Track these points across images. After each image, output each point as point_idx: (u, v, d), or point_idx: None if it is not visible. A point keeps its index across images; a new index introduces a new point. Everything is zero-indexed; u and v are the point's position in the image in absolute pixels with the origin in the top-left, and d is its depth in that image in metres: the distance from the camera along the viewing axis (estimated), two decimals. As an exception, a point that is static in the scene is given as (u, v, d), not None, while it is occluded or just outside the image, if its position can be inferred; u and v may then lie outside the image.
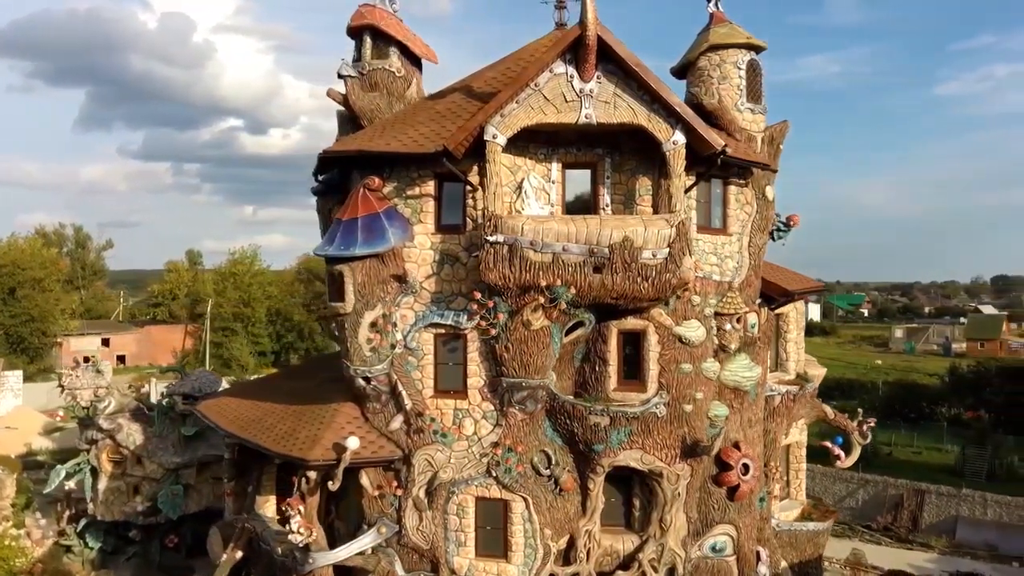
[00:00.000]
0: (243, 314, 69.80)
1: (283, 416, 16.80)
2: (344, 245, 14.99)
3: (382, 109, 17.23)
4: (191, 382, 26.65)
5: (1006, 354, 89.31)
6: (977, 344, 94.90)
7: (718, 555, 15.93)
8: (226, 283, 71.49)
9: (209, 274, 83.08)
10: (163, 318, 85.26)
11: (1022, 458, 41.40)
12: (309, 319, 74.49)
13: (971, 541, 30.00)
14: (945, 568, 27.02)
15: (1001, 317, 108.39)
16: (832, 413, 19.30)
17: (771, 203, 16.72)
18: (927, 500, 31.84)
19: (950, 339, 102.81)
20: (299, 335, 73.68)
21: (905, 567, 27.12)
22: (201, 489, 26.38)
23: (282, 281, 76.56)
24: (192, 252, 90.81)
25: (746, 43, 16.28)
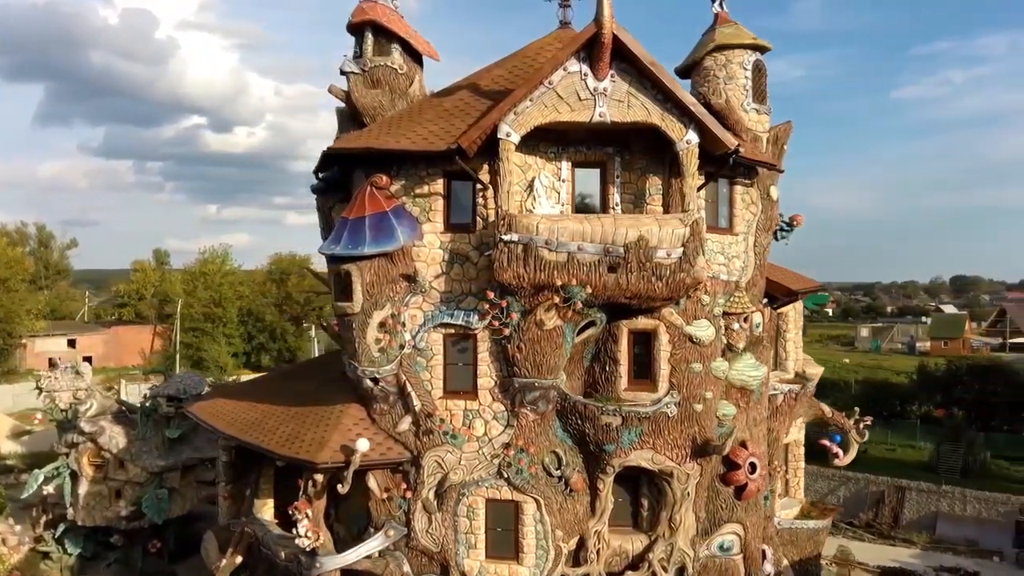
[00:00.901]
0: (214, 314, 68.68)
1: (285, 418, 16.49)
2: (352, 244, 14.76)
3: (384, 106, 16.99)
4: (176, 384, 26.14)
5: (968, 352, 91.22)
6: (941, 343, 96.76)
7: (725, 554, 15.98)
8: (196, 283, 70.28)
9: (178, 274, 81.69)
10: (129, 318, 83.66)
11: (995, 454, 42.35)
12: (281, 320, 73.66)
13: (951, 537, 30.51)
14: (929, 564, 27.41)
15: (964, 316, 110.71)
16: (830, 412, 19.50)
17: (775, 203, 16.81)
18: (907, 497, 32.35)
19: (914, 338, 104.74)
20: (271, 336, 72.71)
21: (890, 563, 27.52)
22: (185, 493, 25.90)
23: (253, 281, 75.47)
24: (159, 251, 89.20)
25: (752, 44, 16.34)
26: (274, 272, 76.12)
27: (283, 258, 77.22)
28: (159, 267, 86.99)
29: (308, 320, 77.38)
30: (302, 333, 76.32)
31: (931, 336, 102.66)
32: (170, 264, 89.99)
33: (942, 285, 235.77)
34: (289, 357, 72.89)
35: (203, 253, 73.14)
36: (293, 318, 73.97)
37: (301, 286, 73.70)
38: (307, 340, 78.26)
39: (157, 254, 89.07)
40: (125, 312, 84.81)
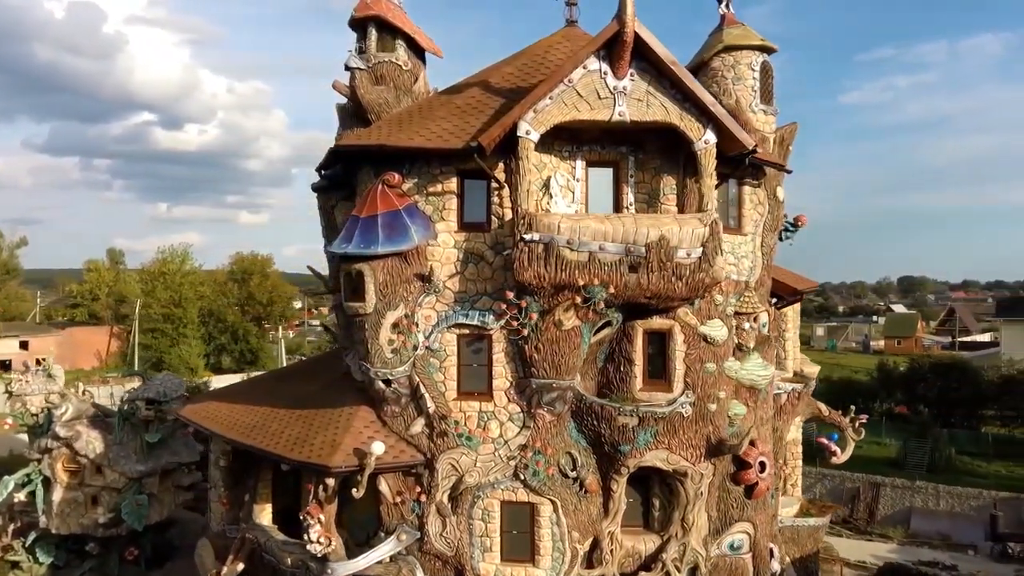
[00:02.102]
0: (174, 315, 67.15)
1: (288, 421, 16.10)
2: (365, 243, 14.45)
3: (389, 103, 16.71)
4: (155, 386, 25.36)
5: (920, 351, 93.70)
6: (895, 341, 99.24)
7: (735, 553, 16.03)
8: (155, 283, 68.62)
9: (133, 274, 79.76)
10: (83, 319, 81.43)
11: (958, 450, 43.48)
12: (243, 321, 72.37)
13: (925, 531, 31.23)
14: (907, 558, 27.95)
15: (916, 316, 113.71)
16: (827, 410, 19.72)
17: (781, 203, 16.94)
18: (882, 493, 33.03)
19: (868, 337, 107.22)
20: (232, 337, 71.37)
21: (868, 558, 28.03)
22: (163, 498, 25.25)
23: (214, 281, 74.00)
24: (113, 251, 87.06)
25: (760, 45, 16.45)
26: (236, 272, 74.75)
27: (244, 257, 75.89)
28: (114, 267, 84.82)
29: (270, 320, 76.29)
30: (264, 334, 75.19)
31: (885, 335, 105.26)
32: (125, 264, 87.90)
33: (890, 285, 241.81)
34: (251, 358, 71.73)
35: (162, 252, 71.49)
36: (255, 319, 72.72)
37: (264, 286, 72.57)
38: (269, 341, 77.18)
39: (111, 253, 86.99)
40: (78, 313, 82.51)
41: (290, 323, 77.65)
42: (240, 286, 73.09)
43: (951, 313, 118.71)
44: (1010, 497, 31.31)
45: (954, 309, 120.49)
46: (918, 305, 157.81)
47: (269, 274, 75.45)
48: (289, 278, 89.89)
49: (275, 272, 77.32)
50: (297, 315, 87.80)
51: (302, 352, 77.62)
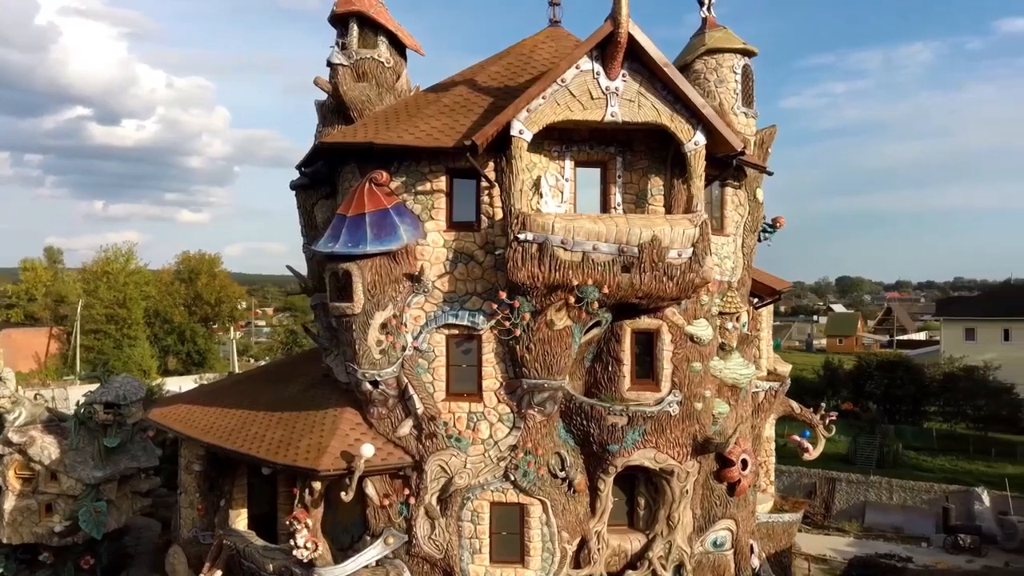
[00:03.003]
0: (118, 316, 65.08)
1: (269, 424, 15.74)
2: (353, 242, 14.21)
3: (372, 100, 16.52)
4: (115, 389, 24.49)
5: (861, 349, 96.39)
6: (836, 340, 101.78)
7: (718, 550, 16.26)
8: (98, 282, 66.36)
9: (73, 273, 77.10)
10: (18, 320, 78.31)
11: (905, 445, 44.85)
12: (190, 321, 70.60)
13: (879, 524, 32.11)
14: (864, 551, 28.71)
15: (857, 315, 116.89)
16: (799, 408, 20.10)
17: (761, 205, 17.21)
18: (838, 487, 33.85)
19: (811, 336, 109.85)
20: (179, 338, 69.55)
21: (828, 552, 28.73)
22: (121, 505, 24.40)
23: (160, 281, 71.98)
24: (51, 250, 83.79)
25: (741, 48, 16.68)
26: (183, 271, 72.86)
27: (191, 257, 74.02)
28: (52, 266, 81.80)
29: (218, 321, 74.61)
30: (212, 335, 73.49)
31: (827, 334, 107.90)
32: (63, 263, 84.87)
33: (829, 285, 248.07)
34: (199, 360, 70.01)
35: (105, 251, 69.17)
36: (203, 319, 71.01)
37: (212, 286, 70.91)
38: (216, 342, 75.48)
39: (49, 252, 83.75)
40: (14, 314, 79.30)
41: (237, 324, 76.00)
42: (187, 286, 71.23)
43: (888, 312, 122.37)
44: (960, 490, 32.40)
45: (891, 308, 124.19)
46: (855, 305, 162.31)
47: (217, 274, 73.73)
48: (235, 278, 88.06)
49: (223, 272, 75.63)
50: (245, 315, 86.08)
51: (251, 354, 76.18)
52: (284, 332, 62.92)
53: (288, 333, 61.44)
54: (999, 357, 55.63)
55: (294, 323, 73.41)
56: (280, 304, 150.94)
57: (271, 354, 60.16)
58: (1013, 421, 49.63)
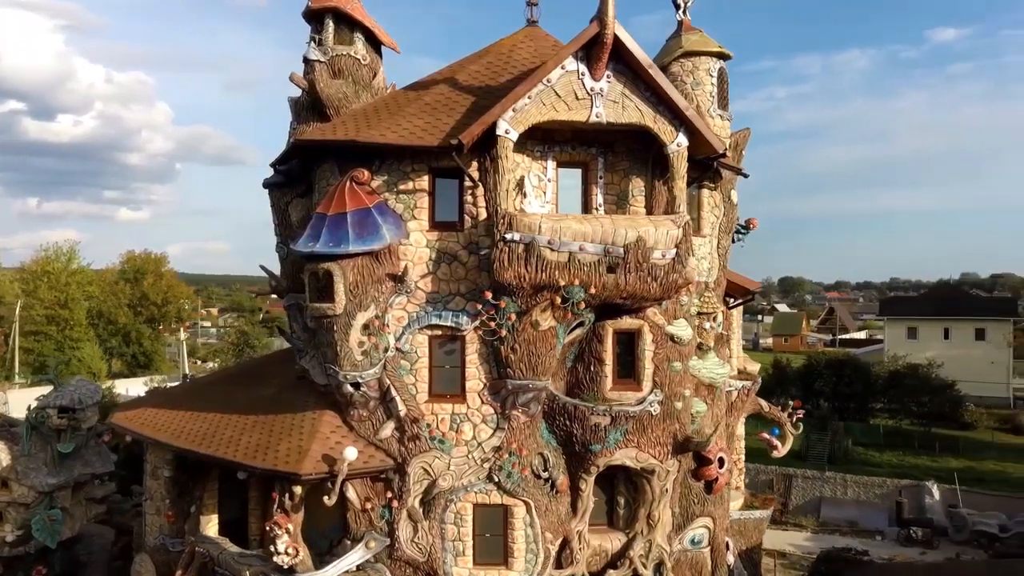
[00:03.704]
0: (59, 317, 63.01)
1: (244, 427, 15.39)
2: (334, 242, 13.97)
3: (348, 98, 16.30)
4: (69, 393, 23.69)
5: (806, 347, 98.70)
6: (782, 339, 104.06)
7: (696, 547, 16.42)
8: (38, 282, 64.14)
9: (10, 272, 74.32)
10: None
11: (855, 441, 46.06)
12: (136, 322, 68.75)
13: (834, 519, 32.89)
14: (821, 545, 29.37)
15: (801, 315, 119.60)
16: (767, 406, 20.43)
17: (735, 206, 17.45)
18: (794, 484, 34.57)
19: (757, 335, 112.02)
20: (124, 339, 67.66)
21: (787, 547, 29.32)
22: (75, 512, 23.65)
23: (103, 281, 69.89)
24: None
25: (717, 52, 16.88)
26: (127, 271, 70.86)
27: (137, 256, 72.05)
28: (-14, 265, 78.79)
29: (165, 322, 72.80)
30: (159, 336, 71.69)
31: (773, 333, 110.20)
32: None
33: (772, 285, 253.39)
34: (144, 362, 68.24)
35: (44, 250, 66.90)
36: (149, 320, 69.19)
37: (158, 286, 69.15)
38: (163, 344, 73.67)
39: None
40: (-56, 315, 76.21)
41: (184, 325, 74.27)
42: (132, 286, 69.29)
43: (831, 312, 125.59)
44: (911, 484, 33.37)
45: (834, 308, 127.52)
46: (798, 305, 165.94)
47: (164, 274, 71.94)
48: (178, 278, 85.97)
49: (170, 272, 73.80)
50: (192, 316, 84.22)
51: (199, 355, 74.48)
52: (235, 333, 61.61)
53: (239, 334, 60.20)
54: (940, 355, 57.59)
55: (246, 324, 72.10)
56: (225, 305, 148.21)
57: (222, 356, 58.83)
58: (954, 417, 51.38)
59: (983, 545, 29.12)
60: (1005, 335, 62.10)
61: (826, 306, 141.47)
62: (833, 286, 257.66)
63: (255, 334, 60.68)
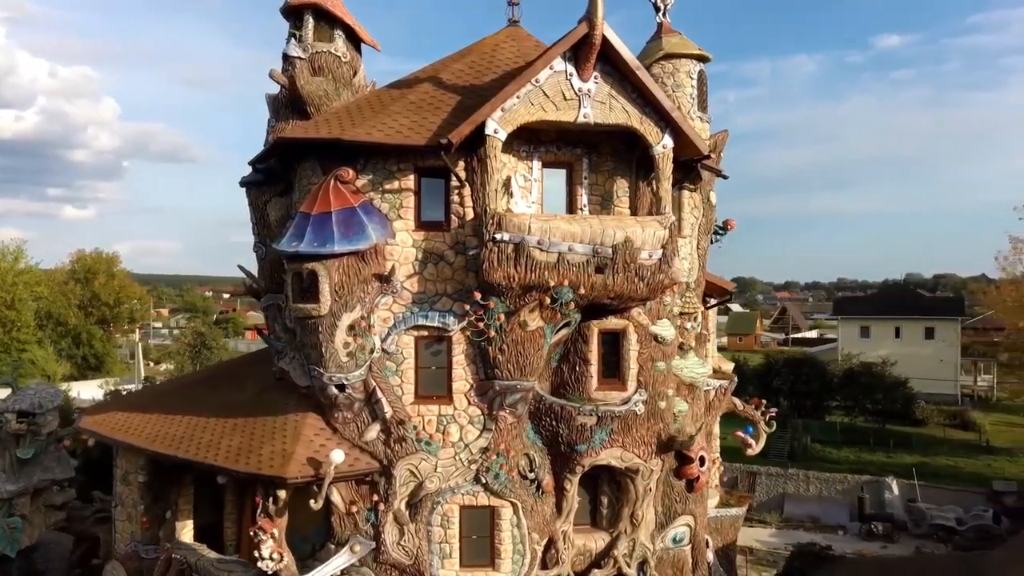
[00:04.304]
0: (6, 318, 60.98)
1: (224, 430, 15.07)
2: (319, 241, 13.75)
3: (329, 95, 16.06)
4: (29, 397, 22.95)
5: (760, 347, 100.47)
6: (737, 338, 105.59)
7: (678, 546, 16.56)
8: (-18, 282, 61.98)
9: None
10: None
11: (813, 438, 46.97)
12: (86, 323, 66.92)
13: (797, 515, 33.54)
14: (786, 541, 29.96)
15: (755, 314, 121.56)
16: (741, 405, 20.69)
17: (714, 208, 17.63)
18: (758, 481, 35.13)
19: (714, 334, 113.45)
20: (74, 341, 65.80)
21: (753, 543, 29.77)
22: (34, 519, 22.96)
23: (52, 281, 67.84)
24: (-75, 248, 77.73)
25: (697, 54, 17.04)
26: (78, 271, 68.91)
27: (87, 255, 70.12)
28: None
29: (117, 323, 71.04)
30: (110, 338, 69.90)
31: (728, 332, 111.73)
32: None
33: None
34: (95, 364, 66.45)
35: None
36: (101, 321, 67.41)
37: (110, 286, 67.41)
38: (115, 345, 71.88)
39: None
40: None
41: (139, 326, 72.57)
42: (83, 286, 67.39)
43: (783, 312, 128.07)
44: (871, 480, 34.17)
45: (786, 308, 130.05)
46: (750, 304, 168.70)
47: (116, 273, 70.10)
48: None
49: (122, 272, 71.92)
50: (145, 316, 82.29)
51: (152, 357, 72.78)
52: (191, 334, 60.35)
53: (195, 335, 58.98)
54: (891, 353, 59.02)
55: (202, 324, 70.71)
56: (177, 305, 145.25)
57: (177, 358, 57.59)
58: (907, 414, 52.73)
59: (941, 538, 29.96)
60: (954, 333, 63.95)
61: (778, 306, 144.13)
62: (783, 286, 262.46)
63: (212, 335, 59.50)
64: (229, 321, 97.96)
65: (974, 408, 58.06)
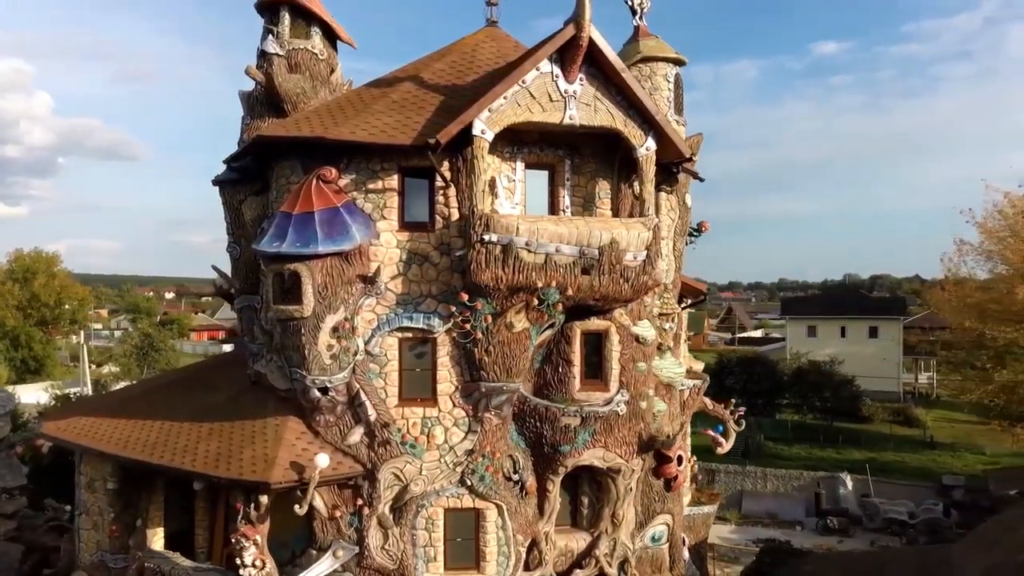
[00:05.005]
0: (-60, 319, 58.67)
1: (200, 435, 14.68)
2: (301, 242, 13.51)
3: (307, 93, 15.81)
4: (-21, 402, 22.16)
5: (708, 346, 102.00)
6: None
7: (656, 544, 16.72)
8: (-85, 283, 59.50)
9: None
10: None
11: (765, 436, 47.91)
12: (25, 325, 64.61)
13: (755, 512, 34.18)
14: (747, 537, 30.53)
15: (704, 314, 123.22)
16: (711, 404, 20.95)
17: (689, 210, 17.84)
18: (717, 478, 35.67)
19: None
20: (12, 343, 63.48)
21: (715, 540, 30.19)
22: (-22, 530, 22.13)
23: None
24: None
25: (674, 58, 17.21)
26: (16, 271, 66.46)
27: (26, 255, 67.69)
28: None
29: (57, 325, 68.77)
30: (50, 340, 67.60)
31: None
32: None
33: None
34: (35, 367, 64.21)
35: (-78, 248, 62.07)
36: (40, 323, 65.16)
37: (51, 287, 65.21)
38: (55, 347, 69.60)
39: None
40: None
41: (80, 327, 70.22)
42: (21, 286, 64.97)
43: (729, 312, 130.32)
44: (826, 476, 34.99)
45: (732, 308, 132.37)
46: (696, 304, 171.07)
47: (56, 273, 67.77)
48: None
49: (63, 271, 69.55)
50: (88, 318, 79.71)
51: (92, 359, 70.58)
52: (138, 336, 58.68)
53: (143, 337, 57.39)
54: (837, 352, 60.56)
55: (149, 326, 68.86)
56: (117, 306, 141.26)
57: (124, 361, 55.98)
58: (854, 412, 54.18)
59: (895, 532, 30.85)
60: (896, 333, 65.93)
61: (723, 306, 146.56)
62: (727, 286, 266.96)
63: (160, 337, 57.99)
64: (174, 322, 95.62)
65: (916, 405, 59.92)
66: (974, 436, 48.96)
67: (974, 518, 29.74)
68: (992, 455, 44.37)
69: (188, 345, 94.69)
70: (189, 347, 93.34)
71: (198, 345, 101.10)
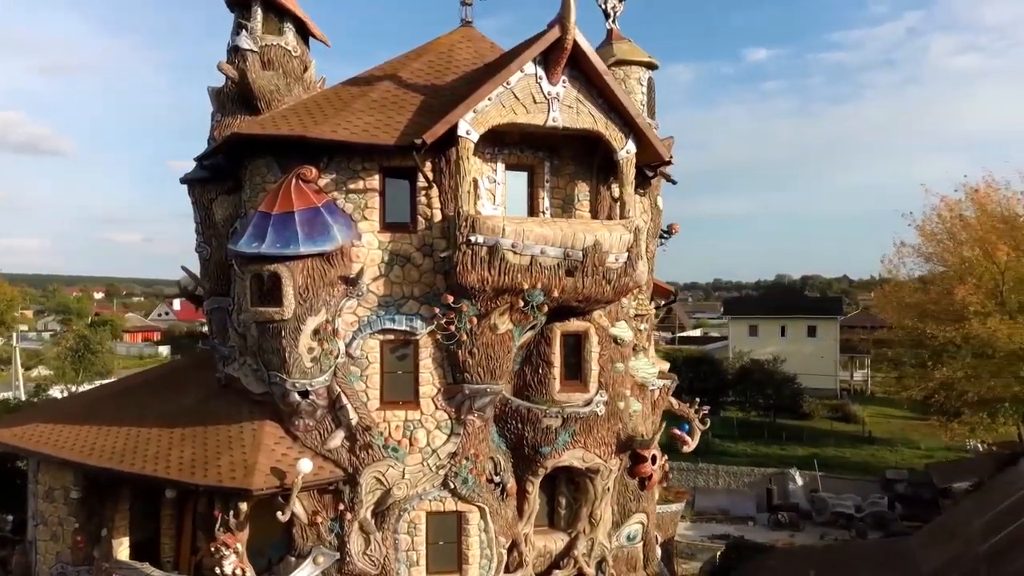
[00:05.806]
0: None
1: (171, 441, 14.25)
2: (281, 242, 13.22)
3: (281, 91, 15.49)
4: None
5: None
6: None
7: (631, 543, 16.87)
8: None
9: None
10: None
11: (713, 433, 48.72)
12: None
13: (708, 508, 34.70)
14: (703, 534, 30.99)
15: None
16: (677, 404, 21.23)
17: (661, 212, 18.04)
18: (670, 476, 36.08)
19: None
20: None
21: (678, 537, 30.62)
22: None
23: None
24: None
25: (647, 61, 17.38)
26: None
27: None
28: None
29: None
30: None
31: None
32: None
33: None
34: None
35: None
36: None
37: None
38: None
39: None
40: None
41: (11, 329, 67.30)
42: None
43: (669, 311, 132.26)
44: (777, 472, 35.80)
45: (671, 308, 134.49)
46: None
47: None
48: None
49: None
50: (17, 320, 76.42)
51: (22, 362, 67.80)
52: (73, 338, 56.57)
53: (78, 339, 55.37)
54: (777, 351, 62.04)
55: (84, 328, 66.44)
56: (43, 306, 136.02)
57: (57, 363, 53.96)
58: (795, 409, 55.55)
59: (843, 525, 31.73)
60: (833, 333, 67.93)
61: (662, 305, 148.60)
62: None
63: (96, 338, 56.03)
64: (107, 323, 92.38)
65: (852, 401, 61.78)
66: (908, 431, 50.71)
67: (918, 510, 30.90)
68: (927, 449, 46.01)
69: (122, 347, 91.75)
70: (123, 348, 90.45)
71: (132, 347, 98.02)
